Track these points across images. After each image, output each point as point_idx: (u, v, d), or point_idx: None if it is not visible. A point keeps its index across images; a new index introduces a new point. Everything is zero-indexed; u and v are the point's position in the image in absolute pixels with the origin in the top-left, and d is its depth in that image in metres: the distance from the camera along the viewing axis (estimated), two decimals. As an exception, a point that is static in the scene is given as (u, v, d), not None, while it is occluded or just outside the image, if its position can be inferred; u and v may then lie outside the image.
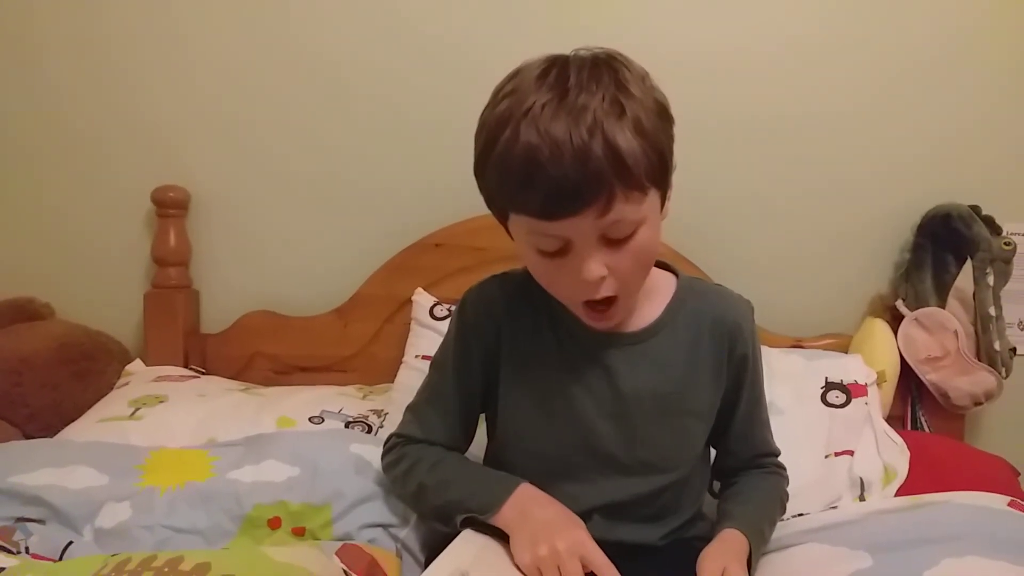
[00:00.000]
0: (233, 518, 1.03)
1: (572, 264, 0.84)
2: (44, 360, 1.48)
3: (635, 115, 0.79)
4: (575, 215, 0.79)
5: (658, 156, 0.82)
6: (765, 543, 0.99)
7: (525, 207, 0.82)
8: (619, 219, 0.81)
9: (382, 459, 1.07)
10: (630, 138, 0.78)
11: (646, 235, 0.84)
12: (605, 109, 0.78)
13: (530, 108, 0.79)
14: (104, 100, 1.65)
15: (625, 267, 0.85)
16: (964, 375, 1.50)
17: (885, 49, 1.58)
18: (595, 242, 0.82)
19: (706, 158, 1.55)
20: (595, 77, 0.80)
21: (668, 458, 0.98)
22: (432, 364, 1.04)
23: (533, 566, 0.86)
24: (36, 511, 1.03)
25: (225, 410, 1.35)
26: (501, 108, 0.82)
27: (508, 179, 0.81)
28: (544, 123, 0.77)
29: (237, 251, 1.67)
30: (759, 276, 1.58)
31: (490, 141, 0.82)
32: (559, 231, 0.82)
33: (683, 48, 1.56)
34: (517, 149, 0.78)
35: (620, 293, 0.87)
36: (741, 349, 0.99)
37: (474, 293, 1.01)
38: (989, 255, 1.48)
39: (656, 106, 0.83)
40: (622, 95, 0.80)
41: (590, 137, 0.76)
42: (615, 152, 0.77)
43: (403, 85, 1.61)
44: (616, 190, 0.79)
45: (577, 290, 0.86)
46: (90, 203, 1.67)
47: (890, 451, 1.30)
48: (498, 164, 0.81)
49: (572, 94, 0.78)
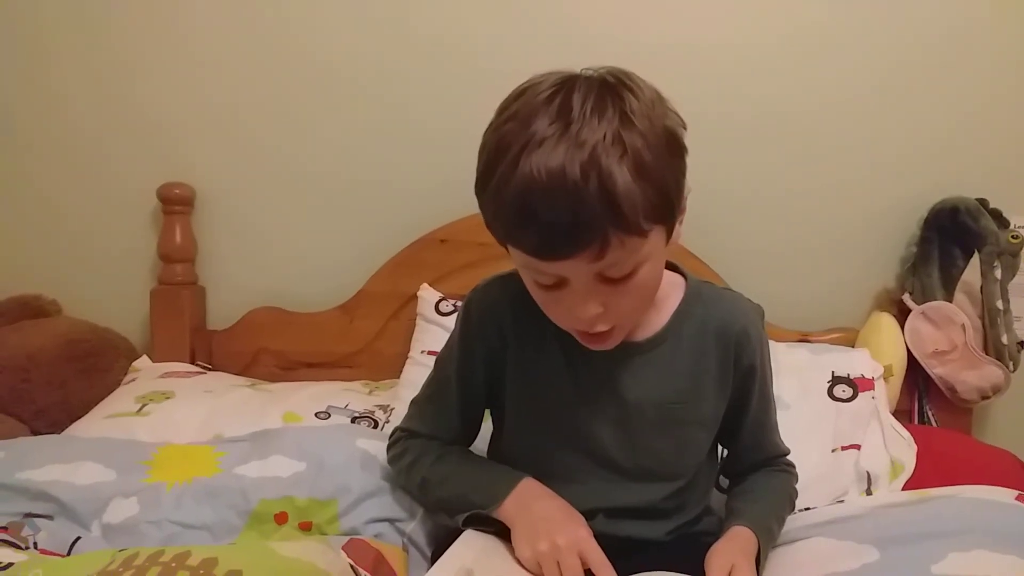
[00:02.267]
0: (240, 513, 1.04)
1: (568, 300, 0.82)
2: (51, 357, 1.49)
3: (637, 153, 0.75)
4: (568, 258, 0.76)
5: (661, 196, 0.77)
6: (774, 540, 0.99)
7: (519, 244, 0.79)
8: (615, 262, 0.78)
9: (387, 451, 1.07)
10: (629, 181, 0.74)
11: (648, 273, 0.82)
12: (606, 147, 0.73)
13: (530, 139, 0.75)
14: (109, 98, 1.65)
15: (623, 305, 0.83)
16: (971, 369, 1.49)
17: (891, 42, 1.57)
18: (591, 281, 0.80)
19: (712, 153, 1.54)
20: (599, 109, 0.76)
21: (670, 465, 0.98)
22: (437, 360, 1.04)
23: (533, 560, 0.86)
24: (44, 507, 1.03)
25: (231, 406, 1.36)
26: (503, 132, 0.78)
27: (502, 214, 0.78)
28: (541, 160, 0.73)
29: (243, 247, 1.67)
30: (765, 270, 1.58)
31: (489, 167, 0.78)
32: (554, 270, 0.79)
33: (686, 42, 1.56)
34: (512, 185, 0.75)
35: (619, 326, 0.86)
36: (748, 359, 0.97)
37: (479, 293, 1.00)
38: (996, 248, 1.48)
39: (664, 137, 0.78)
40: (626, 130, 0.75)
41: (585, 180, 0.72)
42: (611, 197, 0.73)
43: (407, 82, 1.61)
44: (611, 236, 0.75)
45: (572, 323, 0.86)
46: (96, 200, 1.68)
47: (897, 445, 1.30)
48: (494, 196, 0.78)
49: (574, 127, 0.74)
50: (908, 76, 1.57)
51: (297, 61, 1.62)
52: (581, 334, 0.87)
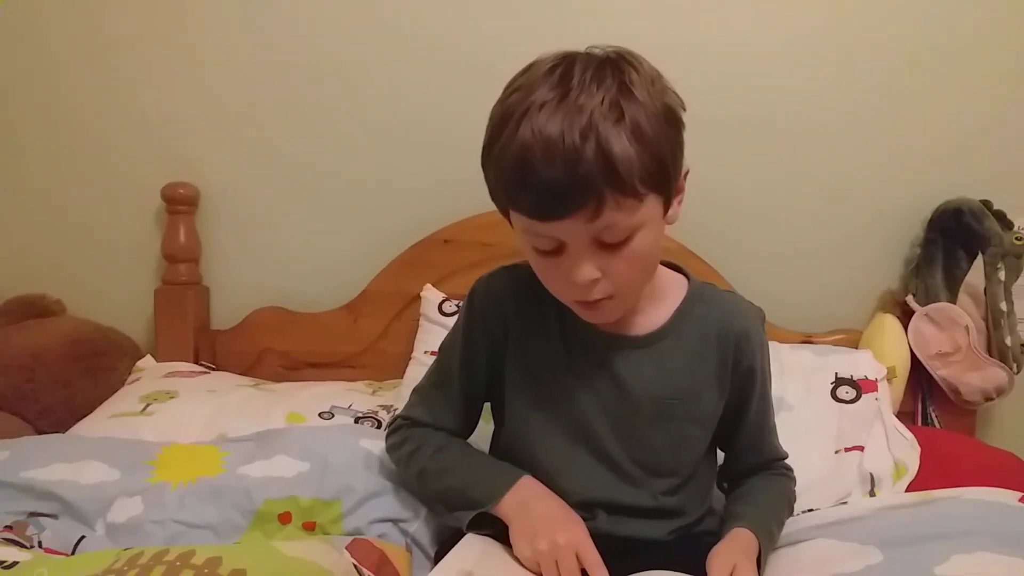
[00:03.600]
0: (244, 513, 1.04)
1: (565, 265, 0.84)
2: (55, 356, 1.49)
3: (634, 120, 0.78)
4: (564, 218, 0.79)
5: (656, 163, 0.80)
6: (774, 543, 0.99)
7: (518, 206, 0.82)
8: (611, 224, 0.80)
9: (386, 439, 1.07)
10: (626, 144, 0.77)
11: (644, 240, 0.83)
12: (603, 112, 0.77)
13: (530, 106, 0.78)
14: (113, 98, 1.66)
15: (620, 271, 0.84)
16: (975, 370, 1.49)
17: (895, 42, 1.56)
18: (587, 245, 0.82)
19: (715, 153, 1.55)
20: (598, 78, 0.79)
21: (666, 462, 0.98)
22: (440, 349, 1.05)
23: (532, 559, 0.87)
24: (49, 506, 1.04)
25: (235, 406, 1.36)
26: (507, 103, 0.82)
27: (503, 177, 0.81)
28: (540, 123, 0.77)
29: (247, 247, 1.68)
30: (769, 271, 1.58)
31: (493, 136, 0.82)
32: (551, 232, 0.82)
33: (690, 41, 1.56)
34: (513, 148, 0.78)
35: (616, 294, 0.86)
36: (748, 360, 0.98)
37: (484, 283, 1.02)
38: (1000, 250, 1.48)
39: (663, 110, 0.82)
40: (624, 98, 0.78)
41: (583, 141, 0.76)
42: (607, 157, 0.76)
43: (411, 82, 1.61)
44: (606, 196, 0.78)
45: (570, 290, 0.86)
46: (100, 200, 1.68)
47: (900, 447, 1.30)
48: (496, 161, 0.82)
49: (572, 94, 0.78)
50: (912, 77, 1.57)
51: (302, 61, 1.62)
52: (579, 305, 0.88)
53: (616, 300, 0.87)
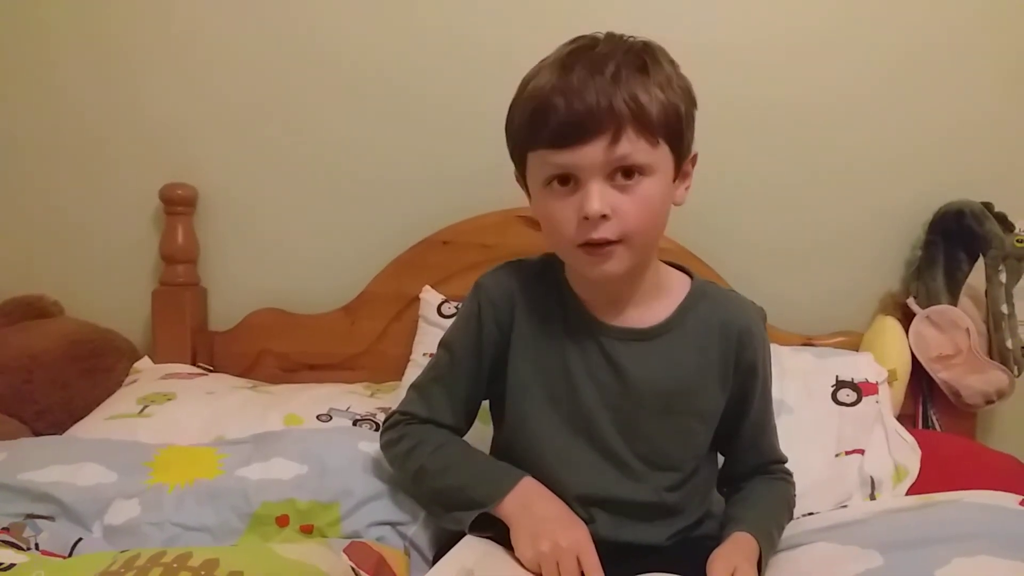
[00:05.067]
0: (241, 516, 1.03)
1: (576, 201, 0.87)
2: (53, 358, 1.49)
3: (656, 74, 0.86)
4: (585, 143, 0.84)
5: (674, 114, 0.87)
6: (774, 547, 0.99)
7: (539, 138, 0.87)
8: (627, 154, 0.84)
9: (381, 435, 1.07)
10: (649, 86, 0.85)
11: (653, 187, 0.88)
12: (627, 60, 0.85)
13: (557, 57, 0.88)
14: (112, 98, 1.65)
15: (628, 212, 0.87)
16: (976, 373, 1.49)
17: (896, 44, 1.56)
18: (601, 178, 0.86)
19: (715, 153, 1.51)
20: (624, 44, 0.88)
21: (667, 456, 0.98)
22: (441, 344, 1.05)
23: (534, 560, 0.88)
24: (45, 508, 1.03)
25: (233, 408, 1.35)
26: (531, 73, 0.90)
27: (527, 112, 0.87)
28: (568, 63, 0.85)
29: (245, 249, 1.67)
30: (770, 273, 1.58)
31: (520, 90, 0.90)
32: (568, 160, 0.85)
33: (692, 38, 1.52)
34: (539, 85, 0.86)
35: (623, 238, 0.87)
36: (750, 357, 0.99)
37: (489, 278, 1.02)
38: (1002, 252, 1.47)
39: (681, 84, 0.90)
40: (648, 57, 0.87)
41: (611, 80, 0.83)
42: (630, 91, 0.84)
43: (411, 82, 1.60)
44: (626, 125, 0.83)
45: (579, 228, 0.87)
46: (98, 201, 1.68)
47: (901, 450, 1.30)
48: (521, 103, 0.89)
49: (600, 48, 0.87)
50: (913, 78, 1.57)
51: (301, 62, 1.62)
52: (586, 251, 0.89)
53: (622, 247, 0.88)
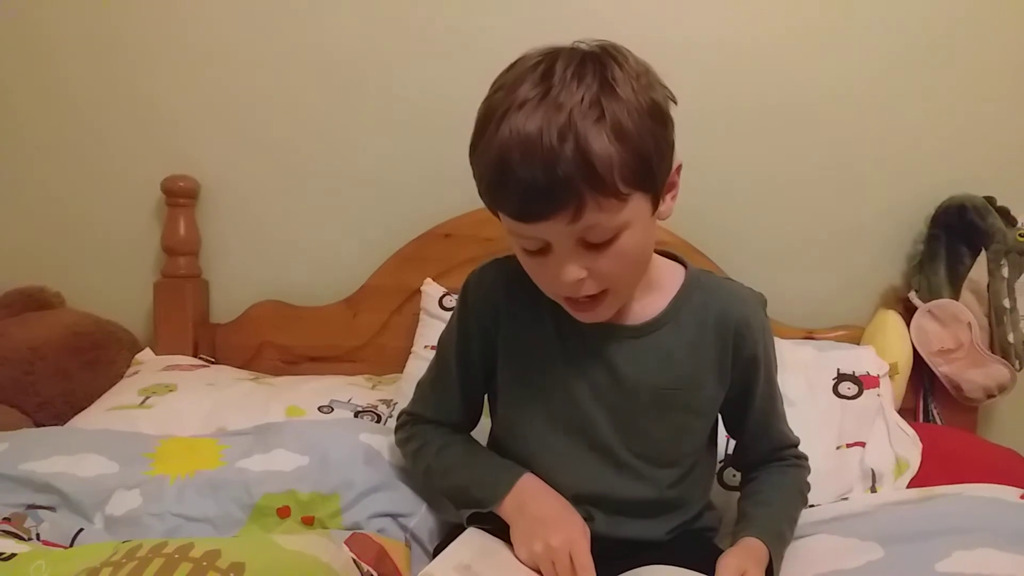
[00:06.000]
0: (242, 507, 1.03)
1: (551, 264, 0.83)
2: (55, 349, 1.49)
3: (615, 118, 0.77)
4: (546, 220, 0.78)
5: (640, 160, 0.78)
6: (786, 544, 0.98)
7: (501, 206, 0.82)
8: (593, 224, 0.79)
9: (395, 433, 1.09)
10: (605, 143, 0.76)
11: (630, 240, 0.82)
12: (583, 110, 0.76)
13: (511, 105, 0.78)
14: (114, 90, 1.65)
15: (607, 270, 0.83)
16: (977, 367, 1.49)
17: (898, 37, 1.56)
18: (572, 245, 0.81)
19: (716, 149, 1.54)
20: (579, 75, 0.78)
21: (664, 452, 0.97)
22: (438, 343, 1.05)
23: (531, 561, 0.88)
24: (47, 498, 1.03)
25: (234, 399, 1.35)
26: (491, 101, 0.82)
27: (486, 176, 0.81)
28: (519, 122, 0.76)
29: (246, 241, 1.67)
30: (771, 267, 1.57)
31: (477, 135, 0.83)
32: (535, 233, 0.81)
33: (691, 35, 1.55)
34: (493, 147, 0.78)
35: (609, 289, 0.86)
36: (750, 349, 0.96)
37: (475, 276, 1.01)
38: (1004, 247, 1.47)
39: (648, 106, 0.80)
40: (605, 95, 0.77)
41: (561, 141, 0.75)
42: (586, 158, 0.75)
43: (412, 75, 1.60)
44: (586, 197, 0.77)
45: (559, 288, 0.86)
46: (100, 193, 1.67)
47: (902, 443, 1.29)
48: (479, 161, 0.82)
49: (553, 91, 0.77)
50: (915, 72, 1.56)
51: (302, 54, 1.62)
52: (570, 304, 0.88)
53: (606, 297, 0.87)
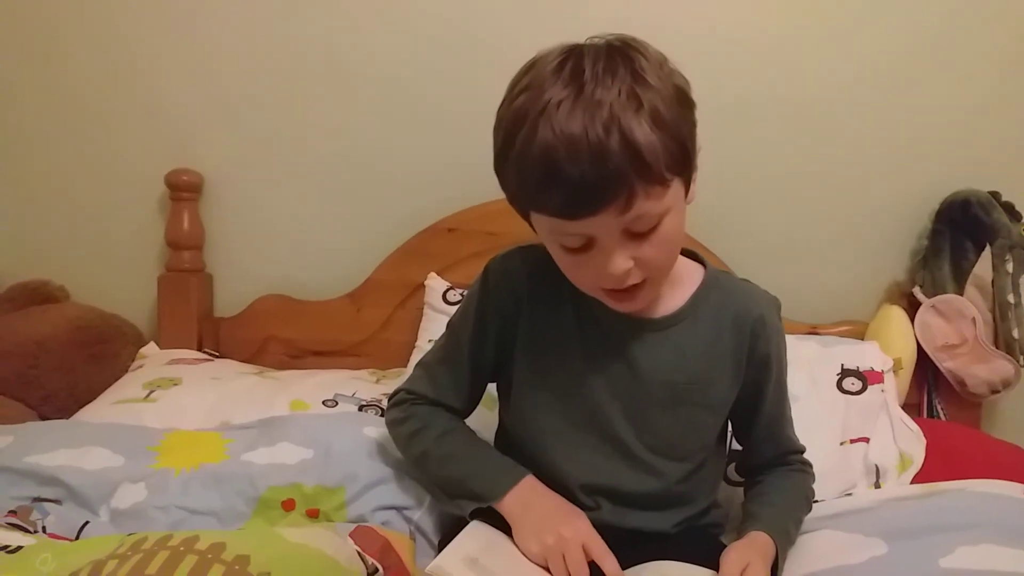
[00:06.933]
0: (247, 500, 1.04)
1: (597, 259, 0.84)
2: (59, 343, 1.49)
3: (653, 106, 0.78)
4: (596, 214, 0.79)
5: (679, 146, 0.80)
6: (791, 543, 0.99)
7: (546, 207, 0.81)
8: (642, 214, 0.80)
9: (387, 411, 1.07)
10: (648, 132, 0.77)
11: (671, 224, 0.84)
12: (622, 103, 0.76)
13: (546, 105, 0.77)
14: (118, 84, 1.65)
15: (651, 257, 0.84)
16: (981, 363, 1.48)
17: (902, 32, 1.55)
18: (619, 237, 0.82)
19: (720, 144, 1.51)
20: (611, 69, 0.78)
21: (675, 447, 0.98)
22: (449, 325, 1.05)
23: (540, 555, 0.88)
24: (53, 491, 1.04)
25: (239, 393, 1.36)
26: (517, 104, 0.80)
27: (527, 180, 0.80)
28: (560, 121, 0.76)
29: (250, 235, 1.67)
30: (775, 262, 1.57)
31: (508, 139, 0.81)
32: (581, 229, 0.81)
33: (695, 29, 1.54)
34: (534, 149, 0.77)
35: (648, 278, 0.87)
36: (763, 348, 0.97)
37: (498, 262, 1.01)
38: (1008, 242, 1.47)
39: (675, 93, 0.81)
40: (639, 86, 0.78)
41: (607, 134, 0.75)
42: (634, 148, 0.76)
43: (416, 69, 1.60)
44: (636, 187, 0.78)
45: (603, 282, 0.86)
46: (104, 187, 1.67)
47: (906, 438, 1.29)
48: (517, 164, 0.80)
49: (588, 88, 0.77)
50: (920, 67, 1.56)
51: (306, 48, 1.61)
52: (611, 294, 0.88)
53: (647, 285, 0.88)
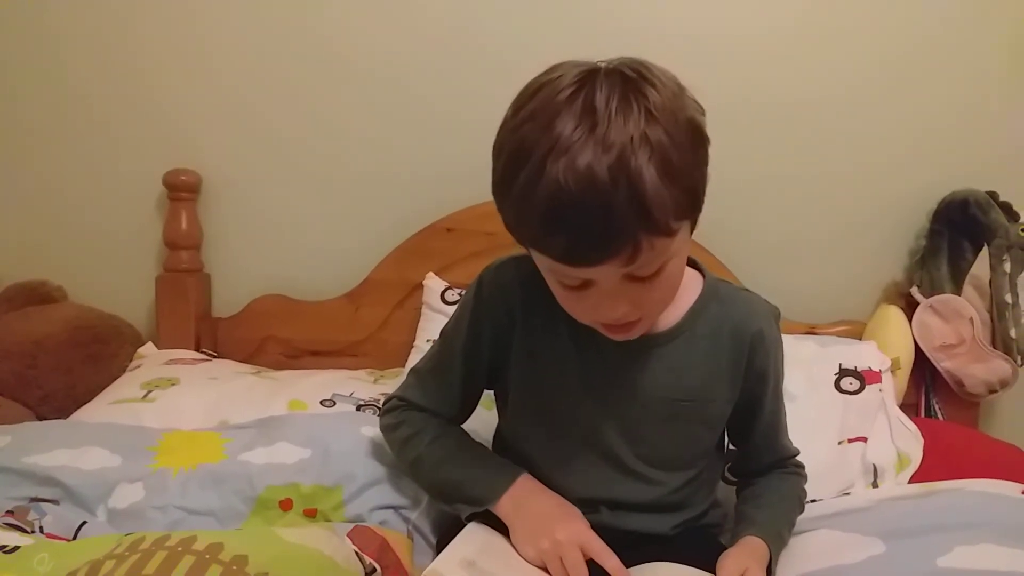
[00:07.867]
0: (245, 500, 1.04)
1: (594, 298, 0.81)
2: (57, 343, 1.49)
3: (664, 153, 0.73)
4: (599, 265, 0.75)
5: (688, 194, 0.76)
6: (784, 545, 0.98)
7: (546, 251, 0.77)
8: (645, 264, 0.77)
9: (381, 417, 1.06)
10: (657, 183, 0.72)
11: (673, 267, 0.82)
12: (634, 148, 0.71)
13: (555, 143, 0.72)
14: (116, 84, 1.65)
15: (649, 299, 0.82)
16: (979, 363, 1.49)
17: (900, 33, 1.56)
18: (619, 282, 0.79)
19: (719, 144, 1.50)
20: (624, 108, 0.73)
21: (672, 459, 0.97)
22: (442, 333, 1.03)
23: (538, 559, 0.87)
24: (50, 491, 1.03)
25: (237, 393, 1.35)
26: (523, 133, 0.75)
27: (529, 219, 0.76)
28: (568, 165, 0.71)
29: (248, 235, 1.67)
30: (773, 262, 1.57)
31: (511, 171, 0.75)
32: (581, 275, 0.79)
33: (694, 32, 1.55)
34: (540, 190, 0.72)
35: (644, 316, 0.85)
36: (761, 362, 0.96)
37: (492, 272, 0.99)
38: (1006, 242, 1.47)
39: (689, 132, 0.77)
40: (651, 128, 0.73)
41: (615, 186, 0.71)
42: (642, 201, 0.72)
43: (415, 70, 1.60)
44: (642, 240, 0.74)
45: (600, 318, 0.84)
46: (102, 187, 1.67)
47: (904, 438, 1.30)
48: (519, 201, 0.76)
49: (600, 129, 0.72)
50: (917, 68, 1.56)
51: (305, 48, 1.61)
52: (605, 327, 0.86)
53: (645, 320, 0.86)
